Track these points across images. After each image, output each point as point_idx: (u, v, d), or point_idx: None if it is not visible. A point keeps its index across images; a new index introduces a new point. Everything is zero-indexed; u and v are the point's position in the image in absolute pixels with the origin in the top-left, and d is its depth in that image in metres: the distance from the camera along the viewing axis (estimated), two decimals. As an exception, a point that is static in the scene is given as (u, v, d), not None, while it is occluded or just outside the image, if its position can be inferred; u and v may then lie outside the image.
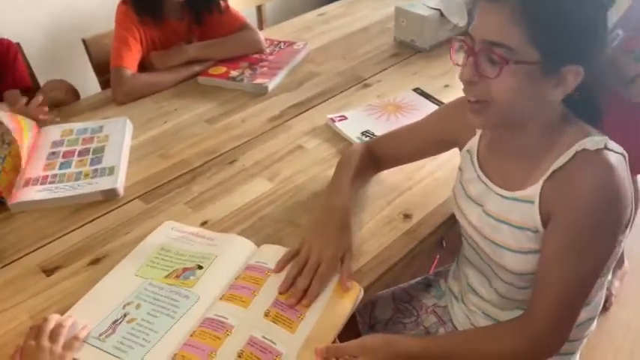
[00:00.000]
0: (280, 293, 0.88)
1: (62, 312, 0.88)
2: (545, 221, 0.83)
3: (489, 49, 0.76)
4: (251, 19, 2.36)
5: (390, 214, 1.08)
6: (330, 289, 0.89)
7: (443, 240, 1.18)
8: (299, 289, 0.87)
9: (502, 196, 0.89)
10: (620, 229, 0.81)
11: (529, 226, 0.85)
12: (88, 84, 1.80)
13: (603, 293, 1.00)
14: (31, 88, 1.57)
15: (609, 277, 0.97)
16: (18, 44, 1.64)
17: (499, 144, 0.92)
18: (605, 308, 1.75)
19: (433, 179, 1.17)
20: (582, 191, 0.78)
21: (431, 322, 1.13)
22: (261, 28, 2.31)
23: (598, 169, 0.78)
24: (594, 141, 0.79)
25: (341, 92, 1.52)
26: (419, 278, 1.22)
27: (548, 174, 0.82)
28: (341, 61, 1.68)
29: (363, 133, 1.31)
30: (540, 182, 0.82)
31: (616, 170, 0.77)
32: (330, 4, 2.15)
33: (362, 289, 0.90)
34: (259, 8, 2.48)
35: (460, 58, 0.83)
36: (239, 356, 0.77)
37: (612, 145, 0.80)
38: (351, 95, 1.51)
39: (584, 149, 0.79)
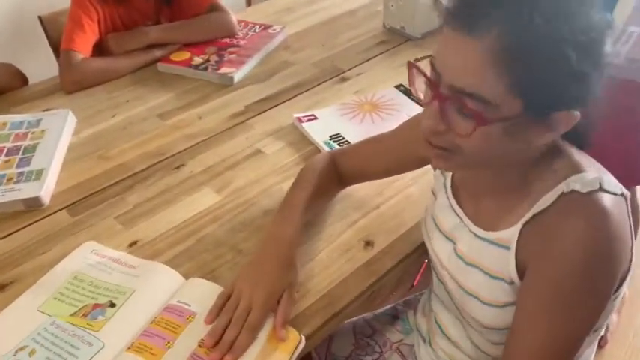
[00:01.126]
0: (202, 347, 0.73)
1: (-52, 353, 0.75)
2: (522, 272, 0.67)
3: (460, 100, 0.59)
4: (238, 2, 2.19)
5: (349, 239, 0.93)
6: (263, 338, 0.74)
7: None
8: (225, 342, 0.72)
9: (475, 234, 0.74)
10: (612, 287, 0.65)
11: (503, 275, 0.69)
12: (49, 67, 1.64)
13: (594, 347, 0.85)
14: None
15: (602, 330, 0.82)
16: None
17: (473, 177, 0.76)
18: (600, 346, 1.58)
19: (405, 196, 1.01)
20: (567, 244, 0.62)
21: None
22: (248, 6, 2.14)
23: (588, 217, 0.61)
24: (586, 180, 0.63)
25: (315, 86, 1.35)
26: (386, 307, 1.08)
27: (528, 217, 0.66)
28: (320, 49, 1.51)
29: (331, 137, 1.14)
30: (519, 225, 0.67)
31: (611, 218, 0.61)
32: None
33: (303, 338, 0.76)
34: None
35: (420, 93, 0.66)
36: None
37: (609, 184, 0.63)
38: (325, 90, 1.34)
39: (572, 191, 0.62)
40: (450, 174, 0.81)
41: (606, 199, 0.62)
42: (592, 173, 0.64)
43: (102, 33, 1.43)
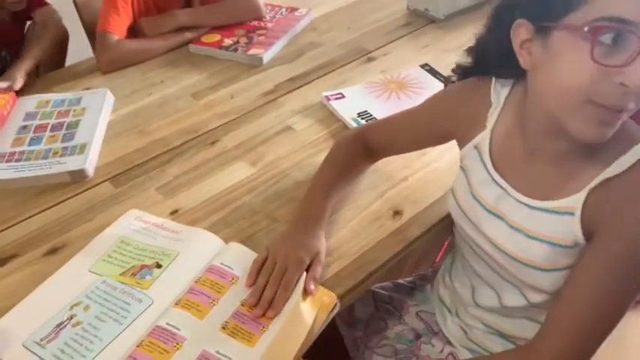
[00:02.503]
0: (244, 306, 0.78)
1: (8, 309, 0.81)
2: (589, 235, 0.68)
3: None
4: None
5: (378, 209, 0.97)
6: (299, 299, 0.79)
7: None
8: (265, 300, 0.78)
9: (529, 205, 0.74)
10: None
11: (566, 242, 0.70)
12: (82, 49, 1.70)
13: None
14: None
15: None
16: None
17: (527, 144, 0.75)
18: None
19: (432, 169, 1.05)
20: None
21: (420, 327, 1.02)
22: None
23: None
24: None
25: (342, 66, 1.39)
26: (402, 280, 1.11)
27: (597, 182, 0.67)
28: (346, 31, 1.54)
29: (359, 115, 1.18)
30: (585, 191, 0.68)
31: None
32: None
33: (338, 301, 0.81)
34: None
35: (612, 52, 0.58)
36: None
37: None
38: (352, 70, 1.38)
39: None
40: (487, 148, 0.80)
41: None
42: None
43: (135, 16, 1.49)
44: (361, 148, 0.99)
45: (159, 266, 0.85)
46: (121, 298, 0.80)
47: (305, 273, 0.81)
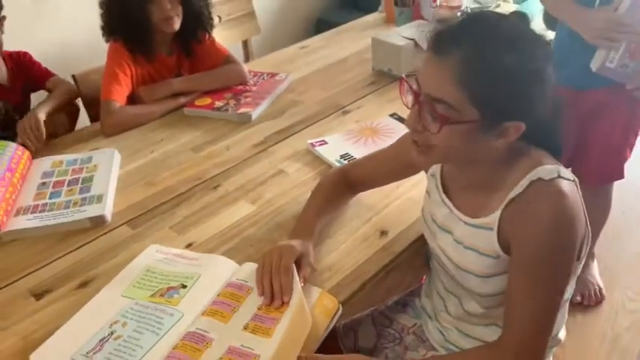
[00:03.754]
0: (261, 309, 0.92)
1: (51, 333, 0.92)
2: (505, 248, 0.86)
3: (431, 105, 0.79)
4: (237, 54, 2.45)
5: (367, 231, 1.13)
6: (312, 305, 0.93)
7: (429, 260, 1.22)
8: (276, 292, 0.92)
9: (465, 222, 0.92)
10: (574, 252, 0.84)
11: (490, 252, 0.88)
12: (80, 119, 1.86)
13: (567, 306, 1.04)
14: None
15: (572, 291, 1.01)
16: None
17: (458, 174, 0.96)
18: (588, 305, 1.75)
19: (408, 198, 1.23)
20: (538, 220, 0.81)
21: (410, 341, 1.16)
22: (247, 61, 2.40)
23: (553, 198, 0.81)
24: (547, 170, 0.82)
25: (322, 119, 1.59)
26: (395, 298, 1.26)
27: (505, 202, 0.85)
28: (321, 90, 1.76)
29: (342, 157, 1.36)
30: (499, 210, 0.86)
31: (569, 197, 0.81)
32: (312, 38, 2.24)
33: (340, 306, 0.95)
34: (245, 43, 2.58)
35: (409, 99, 0.86)
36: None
37: (564, 172, 0.84)
38: (331, 122, 1.58)
39: (539, 178, 0.82)
40: (439, 176, 1.00)
41: (564, 184, 0.82)
42: (551, 165, 0.84)
43: (134, 85, 1.67)
44: (343, 181, 1.16)
45: (184, 286, 0.98)
46: (154, 314, 0.93)
47: (299, 281, 0.94)
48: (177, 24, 1.63)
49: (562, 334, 1.06)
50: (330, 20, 3.05)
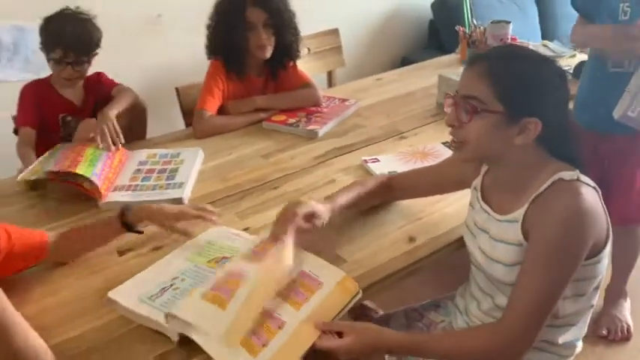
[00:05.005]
0: None
1: (126, 280, 1.15)
2: (526, 236, 1.00)
3: (465, 101, 0.99)
4: (322, 82, 2.71)
5: (397, 236, 1.28)
6: (333, 285, 1.10)
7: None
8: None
9: (498, 220, 1.07)
10: (583, 249, 0.96)
11: (515, 241, 1.02)
12: (175, 123, 2.17)
13: (587, 318, 1.12)
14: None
15: (593, 302, 1.10)
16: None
17: (495, 179, 1.12)
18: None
19: (443, 213, 1.36)
20: (554, 214, 0.95)
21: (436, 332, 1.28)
22: (330, 86, 2.65)
23: (569, 196, 0.95)
24: (568, 174, 0.98)
25: (380, 141, 1.77)
26: (429, 300, 1.39)
27: (531, 199, 1.00)
28: (385, 117, 1.94)
29: (389, 172, 1.52)
30: (525, 206, 1.00)
31: (585, 198, 0.94)
32: (388, 72, 2.44)
33: (360, 291, 1.10)
34: (330, 73, 2.83)
35: (449, 105, 1.05)
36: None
37: (584, 178, 0.98)
38: (387, 144, 1.75)
39: (560, 179, 0.97)
40: (480, 190, 1.15)
41: (582, 186, 0.96)
42: (572, 171, 0.98)
43: (224, 99, 1.94)
44: (385, 182, 1.34)
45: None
46: (207, 275, 1.13)
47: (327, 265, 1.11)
48: (269, 52, 1.89)
49: (579, 344, 1.14)
50: (414, 59, 3.22)
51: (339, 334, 0.99)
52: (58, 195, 1.50)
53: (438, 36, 3.44)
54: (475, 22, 2.49)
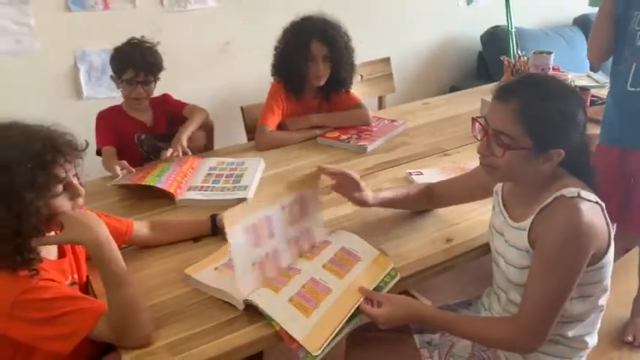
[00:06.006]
0: None
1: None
2: (532, 245, 1.14)
3: (497, 136, 1.12)
4: (373, 106, 2.90)
5: (435, 237, 1.44)
6: (370, 260, 1.29)
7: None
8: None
9: (511, 226, 1.22)
10: (583, 258, 1.09)
11: (523, 247, 1.17)
12: (238, 139, 2.40)
13: (597, 317, 1.24)
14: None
15: (601, 303, 1.22)
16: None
17: (513, 188, 1.26)
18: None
19: (478, 220, 1.51)
20: (554, 227, 1.09)
21: None
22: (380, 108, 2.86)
23: (568, 211, 1.09)
24: (570, 191, 1.11)
25: (424, 157, 1.93)
26: (463, 299, 1.53)
27: (537, 210, 1.14)
28: (430, 137, 2.11)
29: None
30: (532, 217, 1.15)
31: (583, 214, 1.07)
32: (435, 97, 2.61)
33: (398, 273, 1.28)
34: (381, 98, 3.03)
35: (478, 134, 1.20)
36: (302, 287, 1.18)
37: (585, 194, 1.10)
38: (431, 160, 1.91)
39: (562, 195, 1.11)
40: (501, 194, 1.30)
41: (581, 202, 1.09)
42: (575, 188, 1.11)
43: (283, 116, 2.16)
44: (425, 190, 1.51)
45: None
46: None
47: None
48: (323, 81, 2.12)
49: (591, 340, 1.25)
50: (462, 88, 3.37)
51: (378, 305, 1.16)
52: (141, 193, 1.73)
53: (486, 67, 3.59)
54: (520, 52, 2.63)
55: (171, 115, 2.14)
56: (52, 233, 1.15)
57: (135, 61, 1.95)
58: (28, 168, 1.03)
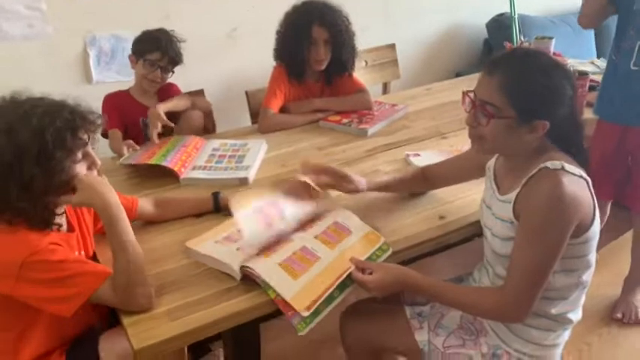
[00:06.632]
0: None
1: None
2: (517, 216, 1.18)
3: (483, 106, 1.16)
4: (377, 91, 2.94)
5: (429, 214, 1.49)
6: (360, 234, 1.34)
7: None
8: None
9: (498, 199, 1.26)
10: (565, 230, 1.12)
11: (507, 219, 1.20)
12: (243, 122, 2.45)
13: (580, 296, 1.27)
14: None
15: (584, 279, 1.24)
16: (202, 90, 2.37)
17: (504, 163, 1.30)
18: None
19: (472, 199, 1.54)
20: (537, 198, 1.13)
21: None
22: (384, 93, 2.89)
23: (550, 183, 1.12)
24: (554, 163, 1.14)
25: (423, 140, 1.97)
26: (453, 276, 1.57)
27: (523, 182, 1.17)
28: (430, 121, 2.14)
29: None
30: (518, 188, 1.18)
31: (565, 186, 1.10)
32: (438, 82, 2.64)
33: (390, 248, 1.32)
34: (385, 85, 3.06)
35: (467, 107, 1.23)
36: (293, 254, 1.25)
37: (569, 167, 1.14)
38: (430, 143, 1.95)
39: (545, 167, 1.14)
40: (492, 170, 1.34)
41: (564, 175, 1.12)
42: (559, 161, 1.14)
43: (285, 99, 2.21)
44: (420, 172, 1.55)
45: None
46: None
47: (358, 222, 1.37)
48: (324, 66, 2.16)
49: (575, 317, 1.29)
50: (468, 75, 3.41)
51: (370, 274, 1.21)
52: (146, 172, 1.79)
53: (491, 54, 3.60)
54: (522, 38, 2.65)
55: None
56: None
57: (163, 46, 2.01)
58: (60, 129, 1.13)
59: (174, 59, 2.05)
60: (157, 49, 2.01)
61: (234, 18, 2.84)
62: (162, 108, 1.98)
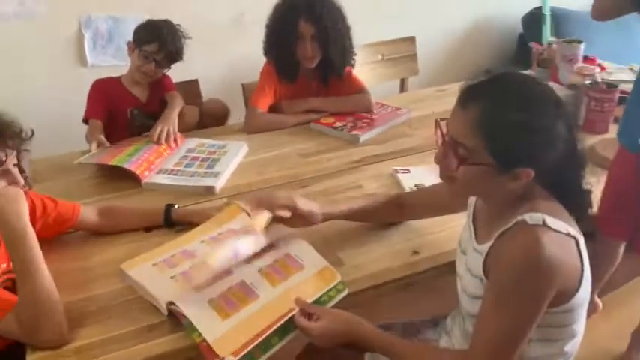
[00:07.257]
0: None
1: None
2: (487, 273, 0.98)
3: (454, 146, 0.95)
4: (394, 90, 2.73)
5: (402, 248, 1.30)
6: (313, 271, 1.17)
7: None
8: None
9: (473, 247, 1.06)
10: (541, 296, 0.91)
11: (477, 274, 1.01)
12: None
13: (574, 341, 1.05)
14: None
15: (567, 349, 1.03)
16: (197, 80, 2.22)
17: (483, 206, 1.09)
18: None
19: (453, 232, 1.32)
20: (509, 256, 0.92)
21: None
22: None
23: (526, 241, 0.91)
24: (534, 217, 0.92)
25: (419, 153, 1.77)
26: (428, 316, 1.38)
27: (496, 235, 0.97)
28: (433, 129, 1.92)
29: (416, 185, 1.53)
30: (492, 240, 0.98)
31: (544, 246, 0.89)
32: (452, 83, 2.40)
33: (346, 288, 1.14)
34: (403, 81, 2.84)
35: (439, 139, 1.03)
36: (228, 289, 1.09)
37: (553, 223, 0.92)
38: (427, 156, 1.73)
39: (523, 220, 0.92)
40: (473, 206, 1.14)
41: (544, 232, 0.90)
42: (542, 214, 0.92)
43: (275, 98, 2.03)
44: (394, 199, 1.35)
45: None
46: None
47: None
48: (314, 63, 1.98)
49: None
50: (496, 73, 3.14)
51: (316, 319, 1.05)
52: (110, 173, 1.66)
53: (527, 51, 3.31)
54: (554, 39, 2.38)
55: (162, 95, 2.06)
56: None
57: (163, 39, 1.88)
58: None
59: (172, 55, 1.92)
60: (155, 40, 1.87)
61: (240, 3, 2.67)
62: (176, 113, 1.91)
